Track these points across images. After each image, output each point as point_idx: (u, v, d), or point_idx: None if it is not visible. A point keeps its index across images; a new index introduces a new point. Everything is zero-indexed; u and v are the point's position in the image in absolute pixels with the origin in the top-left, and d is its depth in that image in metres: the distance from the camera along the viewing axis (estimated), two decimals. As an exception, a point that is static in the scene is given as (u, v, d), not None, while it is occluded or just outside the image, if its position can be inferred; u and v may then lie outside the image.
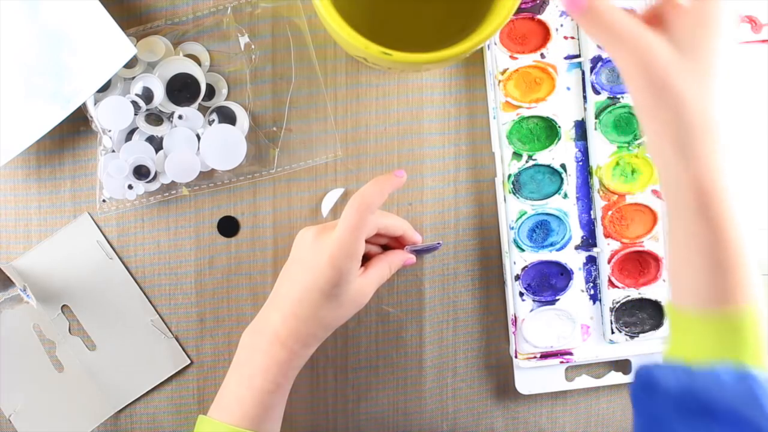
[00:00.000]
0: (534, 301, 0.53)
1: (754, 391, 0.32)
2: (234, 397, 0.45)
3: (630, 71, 0.34)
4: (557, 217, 0.53)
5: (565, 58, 0.52)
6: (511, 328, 0.53)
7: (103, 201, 0.51)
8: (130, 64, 0.49)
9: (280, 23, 0.52)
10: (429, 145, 0.53)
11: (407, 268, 0.53)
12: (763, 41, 0.53)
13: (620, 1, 0.50)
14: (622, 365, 0.55)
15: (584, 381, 0.54)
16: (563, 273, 0.53)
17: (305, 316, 0.44)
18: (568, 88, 0.53)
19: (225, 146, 0.50)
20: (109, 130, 0.50)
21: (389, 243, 0.51)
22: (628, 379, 0.54)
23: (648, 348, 0.53)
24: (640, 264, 0.53)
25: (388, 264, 0.48)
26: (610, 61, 0.51)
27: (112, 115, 0.49)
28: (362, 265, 0.47)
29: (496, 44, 0.52)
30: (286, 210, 0.53)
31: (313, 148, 0.53)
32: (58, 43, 0.47)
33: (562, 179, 0.52)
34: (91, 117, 0.50)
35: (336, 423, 0.55)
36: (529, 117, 0.52)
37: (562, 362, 0.53)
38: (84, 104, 0.49)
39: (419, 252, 0.51)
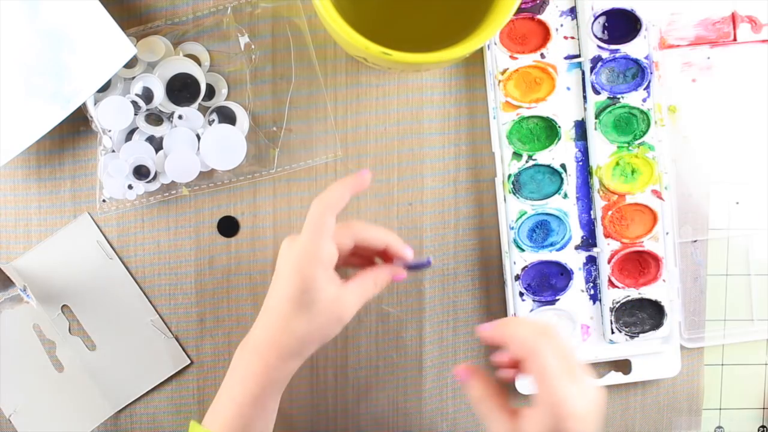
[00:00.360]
0: (534, 301, 0.53)
1: None
2: (220, 406, 0.44)
3: None
4: (557, 217, 0.53)
5: (565, 58, 0.52)
6: (511, 328, 0.53)
7: (103, 201, 0.51)
8: (130, 64, 0.49)
9: (280, 23, 0.52)
10: (429, 145, 0.53)
11: (399, 282, 0.52)
12: (763, 41, 0.53)
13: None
14: (622, 365, 0.55)
15: (584, 381, 0.54)
16: (563, 273, 0.53)
17: (279, 326, 0.42)
18: (568, 88, 0.53)
19: (225, 146, 0.50)
20: (109, 130, 0.50)
21: (380, 256, 0.47)
22: (628, 379, 0.54)
23: (648, 348, 0.53)
24: (640, 264, 0.53)
25: (372, 278, 0.44)
26: (610, 61, 0.51)
27: (112, 115, 0.49)
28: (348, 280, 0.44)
29: (496, 44, 0.52)
30: (286, 210, 0.53)
31: (313, 148, 0.53)
32: (58, 43, 0.47)
33: (562, 179, 0.52)
34: (91, 117, 0.50)
35: (336, 423, 0.55)
36: (529, 117, 0.52)
37: (562, 362, 0.53)
38: (84, 104, 0.49)
39: (410, 268, 0.46)
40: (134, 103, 0.49)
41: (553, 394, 0.37)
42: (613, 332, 0.53)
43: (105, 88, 0.50)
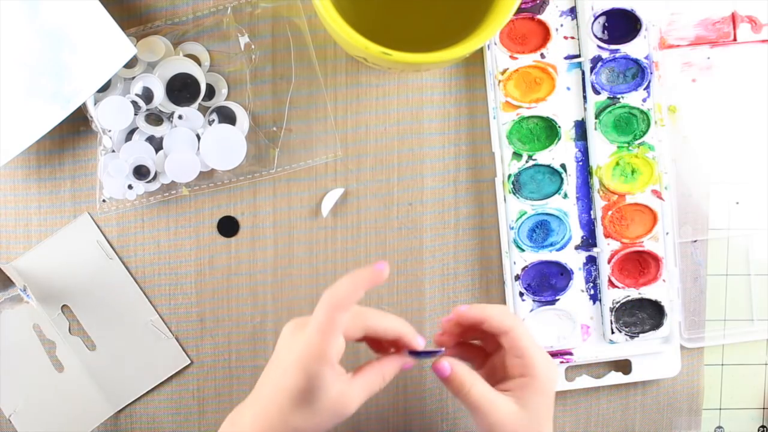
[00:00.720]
0: (534, 301, 0.53)
1: None
2: None
3: (484, 426, 0.42)
4: (557, 217, 0.53)
5: (565, 58, 0.52)
6: (511, 328, 0.53)
7: (103, 201, 0.51)
8: (130, 64, 0.49)
9: (280, 23, 0.52)
10: (429, 145, 0.53)
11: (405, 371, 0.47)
12: (763, 41, 0.53)
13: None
14: (622, 365, 0.55)
15: (584, 381, 0.54)
16: (563, 273, 0.53)
17: (274, 419, 0.39)
18: (568, 88, 0.53)
19: (225, 146, 0.50)
20: (109, 130, 0.50)
21: (388, 344, 0.44)
22: (628, 379, 0.54)
23: (648, 348, 0.53)
24: (640, 264, 0.53)
25: (380, 372, 0.41)
26: (610, 61, 0.51)
27: (112, 115, 0.49)
28: (355, 371, 0.41)
29: (496, 44, 0.52)
30: (286, 210, 0.53)
31: (313, 148, 0.53)
32: (58, 43, 0.47)
33: (562, 179, 0.52)
34: (91, 117, 0.50)
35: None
36: (529, 117, 0.52)
37: (562, 362, 0.53)
38: (84, 104, 0.49)
39: (419, 356, 0.43)
40: (134, 103, 0.49)
41: (539, 363, 0.42)
42: (613, 332, 0.53)
43: (105, 88, 0.50)
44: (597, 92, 0.52)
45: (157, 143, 0.50)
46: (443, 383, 0.43)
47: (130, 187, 0.50)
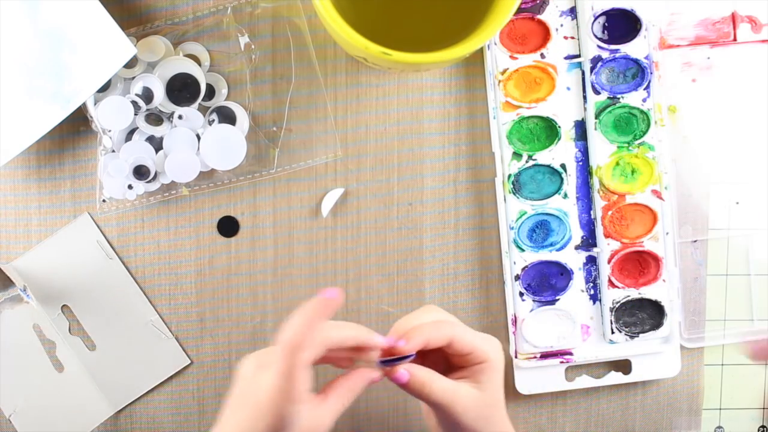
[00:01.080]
0: (534, 301, 0.53)
1: None
2: None
3: (449, 418, 0.42)
4: (557, 217, 0.53)
5: (565, 58, 0.52)
6: (511, 328, 0.53)
7: (103, 201, 0.51)
8: (130, 64, 0.49)
9: (280, 23, 0.52)
10: (429, 145, 0.53)
11: (387, 383, 0.45)
12: (763, 41, 0.53)
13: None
14: (622, 365, 0.55)
15: (584, 381, 0.54)
16: (563, 273, 0.53)
17: None
18: (568, 88, 0.53)
19: (225, 146, 0.50)
20: (109, 130, 0.50)
21: (353, 352, 0.43)
22: (628, 379, 0.54)
23: (648, 348, 0.53)
24: (640, 264, 0.53)
25: (349, 388, 0.41)
26: (610, 61, 0.51)
27: (112, 115, 0.49)
28: (322, 390, 0.41)
29: (496, 44, 0.52)
30: (286, 210, 0.53)
31: (313, 148, 0.53)
32: (58, 43, 0.47)
33: (562, 179, 0.52)
34: (91, 117, 0.50)
35: (336, 423, 0.55)
36: (529, 117, 0.52)
37: (562, 362, 0.53)
38: (84, 104, 0.49)
39: (390, 363, 0.42)
40: (134, 103, 0.49)
41: (488, 349, 0.43)
42: (613, 332, 0.53)
43: (105, 88, 0.50)
44: (597, 92, 0.52)
45: (157, 143, 0.50)
46: (403, 389, 0.42)
47: (130, 187, 0.50)
